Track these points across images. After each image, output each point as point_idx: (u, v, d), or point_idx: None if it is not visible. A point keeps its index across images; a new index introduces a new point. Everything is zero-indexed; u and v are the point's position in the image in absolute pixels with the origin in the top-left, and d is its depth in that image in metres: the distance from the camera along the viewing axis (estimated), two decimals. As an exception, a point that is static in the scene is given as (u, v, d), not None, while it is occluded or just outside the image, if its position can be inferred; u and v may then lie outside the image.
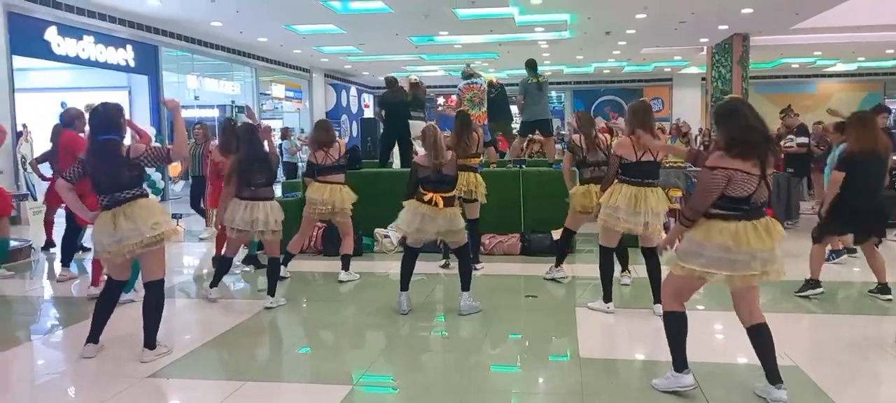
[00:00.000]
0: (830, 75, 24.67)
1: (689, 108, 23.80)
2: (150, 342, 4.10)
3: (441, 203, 4.96)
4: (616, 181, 4.83)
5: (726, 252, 3.17)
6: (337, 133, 6.87)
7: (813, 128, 10.17)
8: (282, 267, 6.30)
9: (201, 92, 17.23)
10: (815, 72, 24.54)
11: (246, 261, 6.96)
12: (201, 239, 8.91)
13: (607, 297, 5.07)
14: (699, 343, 3.88)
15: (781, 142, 9.93)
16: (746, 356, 3.79)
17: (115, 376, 3.89)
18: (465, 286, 5.09)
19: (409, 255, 5.21)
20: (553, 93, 27.36)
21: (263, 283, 6.24)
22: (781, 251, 3.28)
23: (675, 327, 3.41)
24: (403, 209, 5.12)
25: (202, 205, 9.34)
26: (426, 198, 5.00)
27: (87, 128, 4.50)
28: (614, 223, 4.78)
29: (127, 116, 4.26)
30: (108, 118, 4.06)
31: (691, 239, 3.29)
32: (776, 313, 5.20)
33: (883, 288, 5.39)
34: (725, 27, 15.32)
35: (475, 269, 6.68)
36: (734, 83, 16.61)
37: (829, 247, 6.67)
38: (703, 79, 19.95)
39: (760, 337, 3.33)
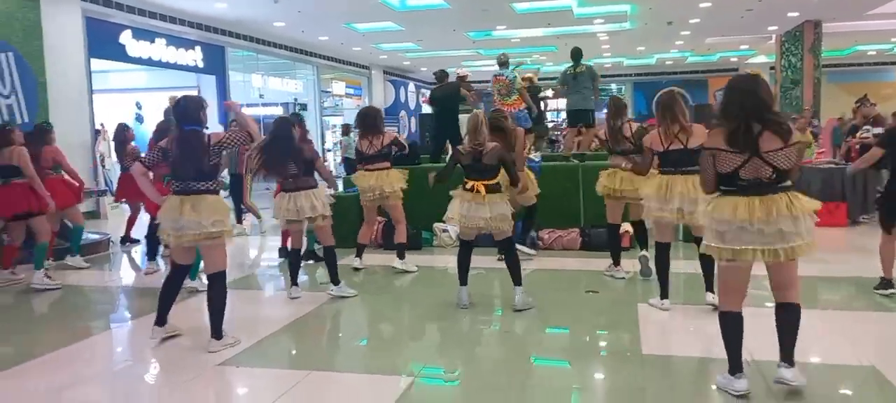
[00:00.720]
0: (911, 62, 23.34)
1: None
2: (216, 332, 4.27)
3: (483, 190, 4.95)
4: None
5: (727, 225, 3.19)
6: (388, 123, 6.92)
7: (892, 118, 9.64)
8: (356, 258, 6.46)
9: (265, 90, 17.72)
10: (892, 60, 23.24)
11: (305, 257, 7.12)
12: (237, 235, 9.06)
13: (663, 294, 4.97)
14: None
15: (857, 134, 9.49)
16: (819, 356, 3.66)
17: (187, 364, 4.07)
18: (517, 280, 5.05)
19: (464, 249, 5.24)
20: (613, 86, 26.89)
21: (325, 276, 6.41)
22: (803, 226, 3.13)
23: (728, 328, 3.32)
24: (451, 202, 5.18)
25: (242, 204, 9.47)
26: (468, 186, 5.03)
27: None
28: (648, 212, 4.90)
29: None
30: (190, 109, 4.25)
31: (707, 219, 3.34)
32: (848, 311, 5.01)
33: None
34: (796, 14, 14.70)
35: (529, 257, 6.69)
36: (805, 72, 15.94)
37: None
38: (772, 68, 19.19)
39: (786, 315, 3.29)
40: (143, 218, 8.61)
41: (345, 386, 3.78)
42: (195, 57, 13.96)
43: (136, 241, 8.40)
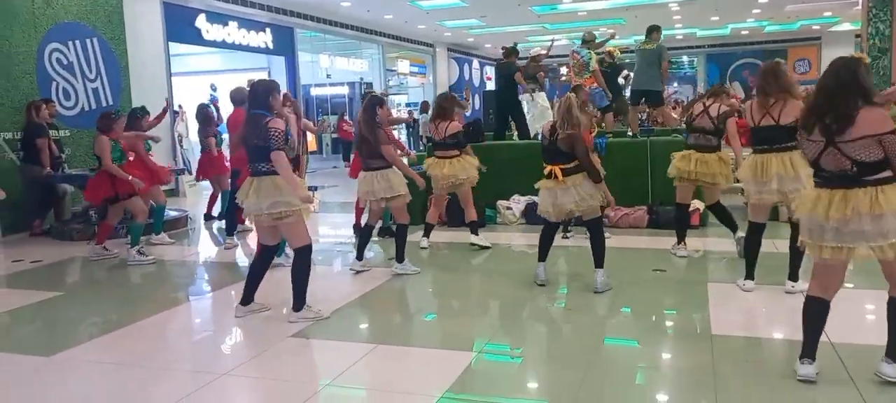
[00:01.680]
0: None
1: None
2: (297, 304, 4.41)
3: (559, 174, 4.82)
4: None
5: (803, 218, 3.09)
6: (461, 109, 6.91)
7: None
8: (424, 237, 6.57)
9: (333, 70, 18.05)
10: None
11: (381, 233, 7.26)
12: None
13: (749, 274, 4.81)
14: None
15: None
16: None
17: (263, 334, 4.26)
18: (599, 262, 4.93)
19: (548, 229, 5.19)
20: (685, 58, 25.98)
21: (392, 252, 6.54)
22: (878, 226, 2.87)
23: (810, 312, 3.18)
24: None
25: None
26: (546, 171, 4.93)
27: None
28: (748, 196, 4.68)
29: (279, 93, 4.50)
30: (259, 94, 4.36)
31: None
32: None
33: None
34: (886, -23, 13.76)
35: (565, 236, 6.62)
36: (895, 40, 14.91)
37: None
38: (857, 36, 18.04)
39: (890, 309, 3.10)
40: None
41: (411, 359, 3.87)
42: (266, 38, 14.34)
43: (216, 218, 8.77)
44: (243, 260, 6.77)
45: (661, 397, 3.32)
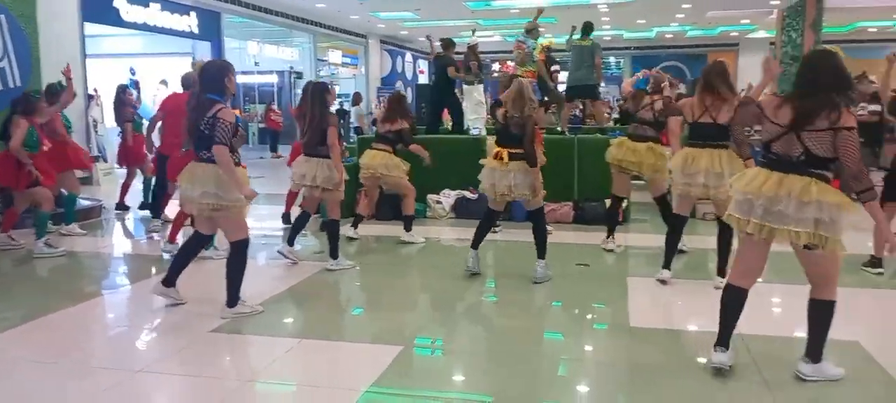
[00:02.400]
0: (911, 40, 23.20)
1: (754, 75, 22.87)
2: (231, 299, 4.27)
3: (506, 157, 4.90)
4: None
5: (739, 195, 3.17)
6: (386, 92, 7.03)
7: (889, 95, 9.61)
8: (352, 228, 6.52)
9: (261, 58, 17.59)
10: (893, 37, 23.10)
11: (323, 228, 7.13)
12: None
13: (666, 264, 4.99)
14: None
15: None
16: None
17: (182, 329, 4.10)
18: (541, 253, 5.08)
19: (489, 216, 5.26)
20: (612, 59, 26.72)
21: (322, 245, 6.44)
22: (806, 213, 2.97)
23: (728, 300, 3.28)
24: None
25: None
26: (494, 152, 5.01)
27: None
28: (675, 186, 4.86)
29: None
30: (215, 76, 4.16)
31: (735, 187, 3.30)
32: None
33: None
34: (798, -12, 14.57)
35: (494, 231, 6.73)
36: (805, 48, 15.80)
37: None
38: (772, 43, 19.05)
39: (808, 310, 3.26)
40: (136, 186, 8.62)
41: (337, 353, 3.82)
42: (190, 22, 13.81)
43: (129, 208, 8.40)
44: (162, 252, 6.49)
45: (581, 388, 3.40)
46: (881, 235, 3.15)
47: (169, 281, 4.41)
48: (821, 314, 3.21)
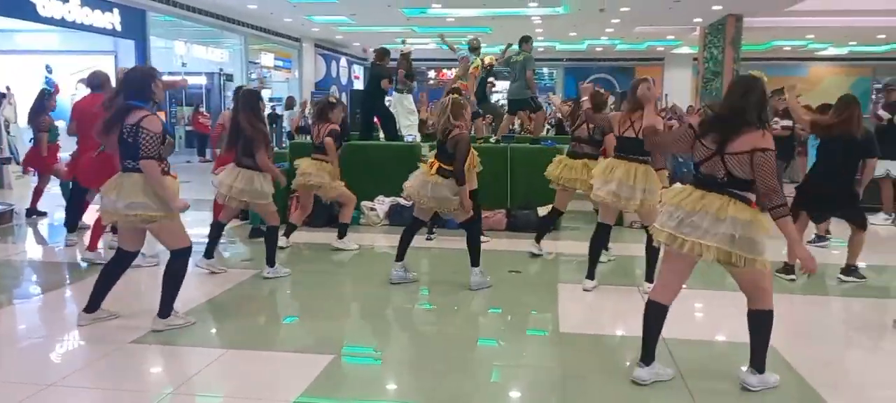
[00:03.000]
0: (822, 59, 24.71)
1: (679, 89, 23.82)
2: (164, 310, 4.07)
3: (434, 167, 4.94)
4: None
5: (666, 208, 3.29)
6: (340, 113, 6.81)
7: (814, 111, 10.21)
8: (284, 237, 6.36)
9: (189, 58, 17.03)
10: (806, 56, 24.55)
11: (252, 235, 6.95)
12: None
13: (590, 274, 5.10)
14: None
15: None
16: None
17: (99, 340, 3.90)
18: (474, 261, 5.10)
19: (414, 225, 5.22)
20: (545, 70, 27.27)
21: (251, 253, 6.27)
22: (721, 229, 3.09)
23: (649, 316, 3.36)
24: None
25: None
26: (430, 161, 5.05)
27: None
28: (596, 194, 4.98)
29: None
30: (139, 83, 3.97)
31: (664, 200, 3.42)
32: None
33: (848, 269, 5.51)
34: (719, 7, 15.27)
35: (428, 238, 6.79)
36: (726, 64, 16.61)
37: (814, 232, 6.74)
38: (695, 59, 19.90)
39: (748, 321, 3.37)
40: (52, 190, 8.17)
41: (264, 364, 3.70)
42: (112, 19, 13.23)
43: (43, 214, 7.94)
44: (79, 259, 6.17)
45: (514, 394, 3.43)
46: (792, 253, 3.31)
47: (92, 308, 4.15)
48: (760, 324, 3.32)
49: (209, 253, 5.49)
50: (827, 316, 4.84)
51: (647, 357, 3.34)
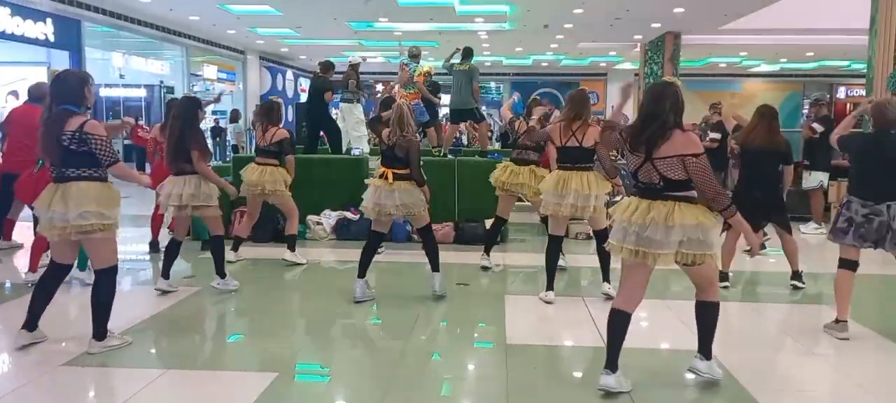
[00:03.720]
0: (755, 75, 25.77)
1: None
2: (99, 332, 3.88)
3: (390, 177, 4.92)
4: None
5: (618, 223, 3.34)
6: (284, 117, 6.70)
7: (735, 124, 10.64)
8: (232, 251, 6.22)
9: (127, 70, 16.51)
10: (740, 72, 25.56)
11: (205, 248, 6.74)
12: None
13: (549, 285, 5.14)
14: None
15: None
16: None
17: (26, 364, 3.71)
18: (435, 267, 5.12)
19: (373, 240, 5.14)
20: (492, 84, 27.57)
21: (194, 269, 6.09)
22: (674, 236, 3.19)
23: (613, 324, 3.38)
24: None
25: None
26: (380, 172, 5.01)
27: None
28: (546, 208, 5.03)
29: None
30: (69, 85, 3.81)
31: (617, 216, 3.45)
32: (690, 301, 5.42)
33: (794, 275, 5.70)
34: (658, 25, 15.77)
35: (378, 252, 6.74)
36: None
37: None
38: (636, 74, 20.48)
39: (699, 311, 3.50)
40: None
41: (204, 384, 3.59)
42: (45, 30, 12.70)
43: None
44: (6, 277, 5.86)
45: (461, 407, 3.41)
46: (749, 238, 3.46)
47: (31, 326, 3.93)
48: (708, 314, 3.47)
49: (166, 272, 5.26)
50: (762, 321, 5.00)
51: (612, 364, 3.37)
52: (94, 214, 3.72)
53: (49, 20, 12.81)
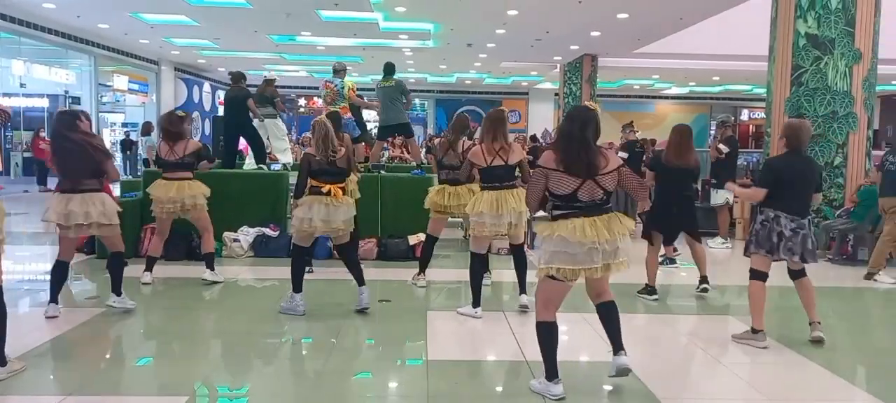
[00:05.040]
0: (666, 97, 27.09)
1: (543, 121, 25.09)
2: None
3: (340, 194, 4.95)
4: (480, 189, 5.15)
5: (566, 245, 3.38)
6: (192, 128, 6.44)
7: (648, 145, 11.17)
8: (147, 272, 5.90)
9: (28, 79, 15.57)
10: (653, 94, 26.81)
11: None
12: None
13: (476, 302, 5.15)
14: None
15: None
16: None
17: None
18: (360, 281, 5.13)
19: (301, 253, 5.10)
20: (417, 101, 27.68)
21: (98, 290, 5.77)
22: (625, 244, 3.49)
23: (545, 336, 3.49)
24: (297, 209, 4.99)
25: None
26: (325, 190, 4.94)
27: None
28: (482, 229, 5.04)
29: None
30: None
31: (542, 240, 3.52)
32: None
33: (703, 279, 6.00)
34: (576, 47, 16.33)
35: (308, 272, 6.64)
36: (583, 100, 17.73)
37: (661, 253, 7.26)
38: (556, 94, 21.10)
39: (608, 313, 3.65)
40: None
41: (109, 412, 3.38)
42: (-64, 33, 11.84)
43: None
44: None
45: (382, 426, 3.35)
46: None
47: None
48: (615, 311, 3.67)
49: (54, 297, 4.88)
50: (675, 333, 5.19)
51: (554, 372, 3.46)
52: None
53: (-60, 23, 11.94)
